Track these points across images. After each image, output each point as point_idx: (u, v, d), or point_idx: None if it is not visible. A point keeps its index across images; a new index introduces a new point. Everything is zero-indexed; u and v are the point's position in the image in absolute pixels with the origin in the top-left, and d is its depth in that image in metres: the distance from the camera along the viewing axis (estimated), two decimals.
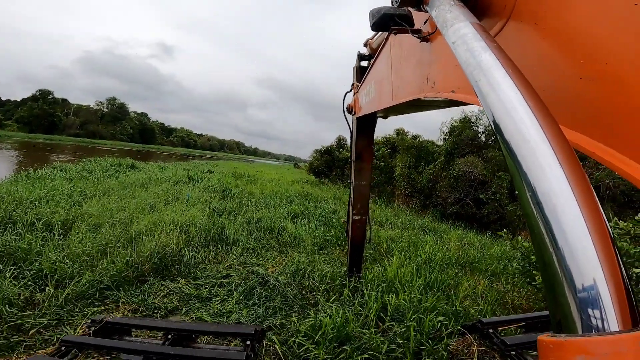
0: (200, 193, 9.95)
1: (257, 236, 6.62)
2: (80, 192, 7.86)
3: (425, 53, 1.40)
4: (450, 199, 11.36)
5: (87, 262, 4.37)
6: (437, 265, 6.09)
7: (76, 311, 3.50)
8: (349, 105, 3.82)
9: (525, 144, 0.52)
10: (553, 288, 0.45)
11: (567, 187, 0.47)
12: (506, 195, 10.37)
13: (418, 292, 4.36)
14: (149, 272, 4.53)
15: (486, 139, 12.10)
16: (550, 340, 0.42)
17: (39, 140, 57.82)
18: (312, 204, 10.67)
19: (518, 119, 0.55)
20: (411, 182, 13.23)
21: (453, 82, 1.16)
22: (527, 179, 0.50)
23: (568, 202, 0.46)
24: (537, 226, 0.47)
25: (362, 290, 4.45)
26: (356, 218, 4.44)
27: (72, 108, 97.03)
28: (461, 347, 3.30)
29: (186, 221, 6.06)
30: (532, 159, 0.51)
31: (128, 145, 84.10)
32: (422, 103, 1.92)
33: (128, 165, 16.66)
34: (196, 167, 22.89)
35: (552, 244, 0.45)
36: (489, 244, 8.75)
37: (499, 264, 6.80)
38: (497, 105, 0.58)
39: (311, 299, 4.39)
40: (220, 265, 5.18)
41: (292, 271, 4.91)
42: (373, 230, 8.39)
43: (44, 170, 11.43)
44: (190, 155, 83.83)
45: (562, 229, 0.45)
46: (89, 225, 5.54)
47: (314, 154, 22.83)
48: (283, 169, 43.61)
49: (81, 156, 23.36)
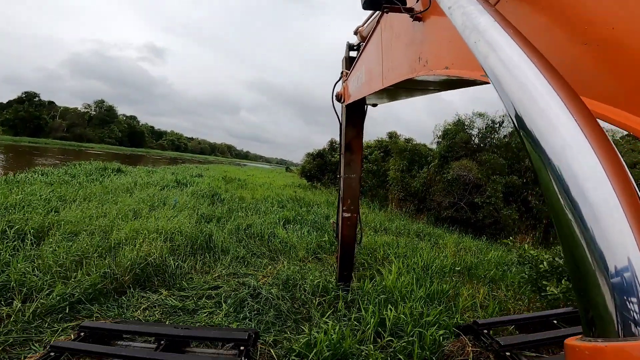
0: (188, 198, 9.58)
1: (246, 243, 6.31)
2: (60, 198, 7.43)
3: (417, 33, 1.37)
4: (445, 203, 11.19)
5: (60, 273, 4.03)
6: (435, 273, 5.86)
7: (45, 327, 3.21)
8: (338, 93, 3.70)
9: (534, 104, 0.46)
10: (586, 286, 0.39)
11: (598, 164, 0.40)
12: (501, 199, 10.23)
13: (419, 305, 4.11)
14: (129, 283, 4.21)
15: (479, 142, 11.99)
16: (585, 346, 0.37)
17: (23, 143, 56.32)
18: (305, 208, 10.39)
19: (523, 77, 0.49)
20: (405, 186, 13.04)
21: (446, 59, 1.14)
22: (546, 155, 0.43)
23: (602, 184, 0.39)
24: (566, 210, 0.41)
25: (359, 302, 4.18)
26: (346, 215, 4.18)
27: (59, 111, 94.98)
28: (456, 349, 3.29)
29: (172, 229, 5.71)
30: (548, 124, 0.44)
31: (116, 149, 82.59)
32: (414, 85, 1.87)
33: (114, 169, 16.13)
34: (185, 171, 22.41)
35: (584, 234, 0.38)
36: (485, 248, 8.58)
37: (498, 270, 6.61)
38: (499, 66, 0.54)
39: (304, 312, 4.11)
40: (208, 276, 4.86)
41: (283, 281, 4.62)
42: (367, 235, 8.15)
43: (24, 174, 10.92)
44: (181, 158, 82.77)
45: (597, 216, 0.38)
46: (65, 233, 5.16)
47: (306, 158, 22.48)
48: (275, 172, 43.21)
49: (68, 160, 22.72)
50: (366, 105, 3.53)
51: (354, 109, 3.65)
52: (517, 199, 10.64)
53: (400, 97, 2.67)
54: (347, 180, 4.05)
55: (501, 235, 10.35)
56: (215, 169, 30.68)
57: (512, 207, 10.30)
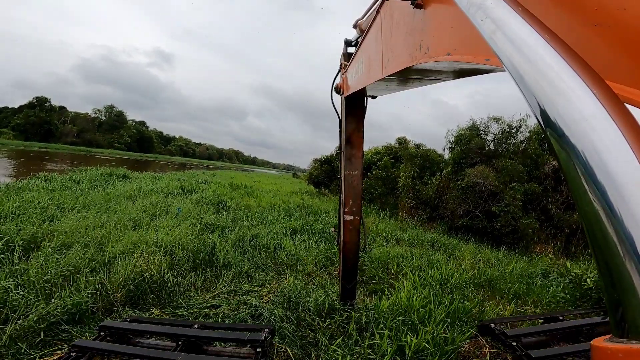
0: (192, 206, 9.25)
1: (251, 255, 5.92)
2: (58, 205, 7.14)
3: (417, 21, 1.36)
4: (459, 212, 10.69)
5: (46, 290, 3.69)
6: (454, 288, 5.42)
7: (22, 352, 2.86)
8: (337, 85, 3.60)
9: (551, 85, 0.42)
10: (617, 281, 0.35)
11: (632, 157, 0.35)
12: (520, 207, 9.70)
13: (441, 328, 3.66)
14: (121, 301, 3.86)
15: (496, 148, 11.48)
16: (617, 347, 0.34)
17: (34, 148, 56.98)
18: (313, 217, 9.99)
19: (533, 55, 0.45)
20: (416, 193, 12.57)
21: (448, 45, 1.12)
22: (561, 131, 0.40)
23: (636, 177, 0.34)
24: (590, 197, 0.37)
25: (372, 325, 3.75)
26: (348, 218, 3.77)
27: (70, 116, 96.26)
28: (472, 349, 3.20)
29: (172, 241, 5.33)
30: (574, 110, 0.39)
31: (126, 154, 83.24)
32: (414, 75, 1.79)
33: (120, 175, 15.94)
34: (192, 177, 22.20)
35: (615, 227, 0.34)
36: (505, 260, 8.08)
37: (521, 283, 6.13)
38: (508, 46, 0.50)
39: (312, 335, 3.70)
40: (208, 294, 4.48)
41: (287, 299, 4.23)
42: (379, 246, 7.73)
43: (26, 181, 10.72)
44: (189, 164, 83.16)
45: (630, 208, 0.34)
46: (57, 245, 4.83)
47: (314, 164, 22.17)
48: (282, 178, 42.96)
49: (77, 165, 22.67)
50: (366, 97, 3.40)
51: (354, 101, 3.51)
52: (536, 207, 10.10)
53: (400, 88, 2.50)
54: (348, 178, 3.72)
55: (519, 245, 9.83)
56: (222, 175, 30.46)
57: (531, 215, 9.75)
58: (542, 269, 7.42)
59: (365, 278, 5.95)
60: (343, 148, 3.73)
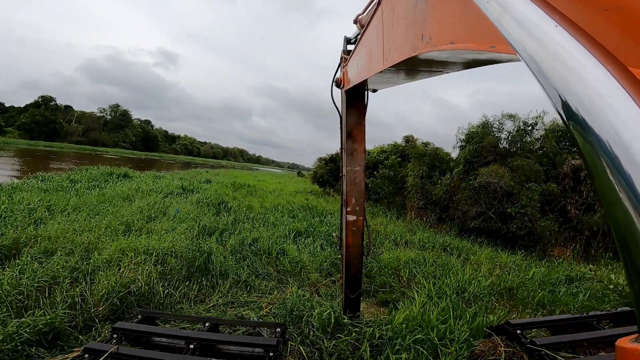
0: (192, 207, 8.82)
1: (251, 262, 5.47)
2: (48, 207, 6.74)
3: (419, 12, 1.34)
4: (471, 213, 10.16)
5: (17, 304, 3.28)
6: (473, 297, 4.96)
7: None
8: (337, 79, 3.53)
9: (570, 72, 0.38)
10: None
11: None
12: (537, 209, 9.15)
13: (465, 351, 3.18)
14: (103, 316, 3.45)
15: (510, 146, 10.92)
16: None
17: (39, 147, 57.02)
18: (317, 218, 9.53)
19: (542, 37, 0.43)
20: (425, 193, 12.05)
21: (451, 34, 1.08)
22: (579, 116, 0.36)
23: None
24: (619, 195, 0.34)
25: (386, 346, 3.29)
26: (351, 219, 3.48)
27: (75, 115, 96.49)
28: (487, 348, 3.13)
29: (165, 248, 4.88)
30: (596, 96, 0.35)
31: (131, 153, 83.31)
32: (416, 66, 1.77)
33: (120, 174, 15.58)
34: (194, 176, 21.84)
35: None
36: (524, 264, 7.55)
37: (545, 291, 5.63)
38: (516, 30, 0.48)
39: (317, 356, 3.25)
40: (202, 306, 4.05)
41: (289, 312, 3.80)
42: (388, 249, 7.25)
43: (21, 181, 10.36)
44: (194, 163, 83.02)
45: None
46: (39, 251, 4.42)
47: (318, 162, 21.86)
48: (286, 177, 42.54)
49: (83, 164, 22.42)
50: (367, 90, 3.32)
51: (355, 95, 3.44)
52: (554, 209, 9.54)
53: (401, 81, 2.45)
54: (350, 175, 3.47)
55: (536, 248, 9.29)
56: (225, 174, 30.06)
57: (549, 217, 9.20)
58: (564, 274, 6.89)
59: (373, 286, 5.50)
60: (344, 143, 3.56)
